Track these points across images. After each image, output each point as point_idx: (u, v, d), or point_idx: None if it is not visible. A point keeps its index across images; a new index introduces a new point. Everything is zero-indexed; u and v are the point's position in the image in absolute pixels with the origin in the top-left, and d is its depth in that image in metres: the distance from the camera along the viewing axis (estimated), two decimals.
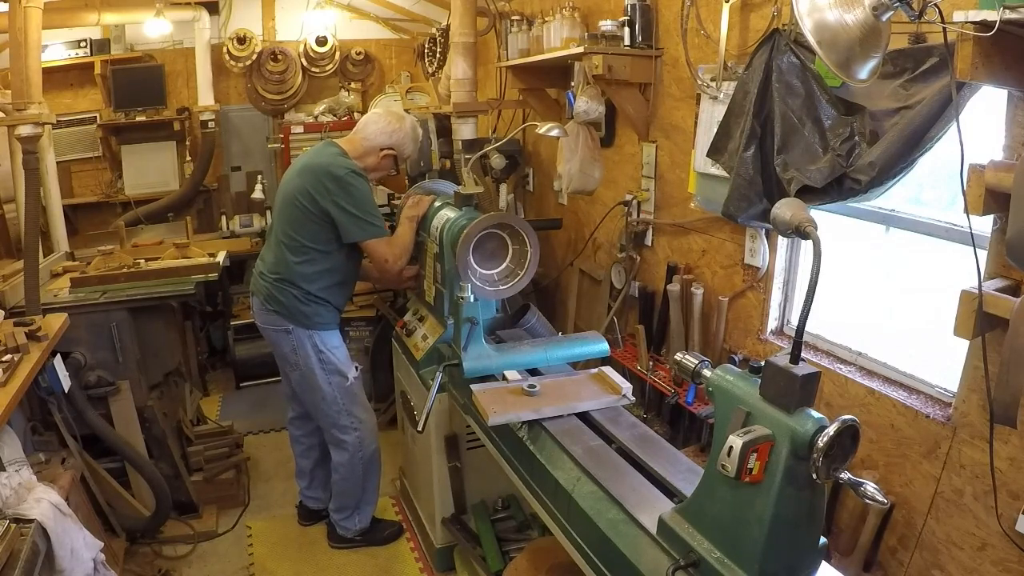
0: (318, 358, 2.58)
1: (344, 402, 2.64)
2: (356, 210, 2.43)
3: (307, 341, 2.57)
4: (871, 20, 1.32)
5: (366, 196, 2.46)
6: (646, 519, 1.39)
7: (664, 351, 2.72)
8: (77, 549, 1.92)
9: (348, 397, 2.65)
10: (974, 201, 1.42)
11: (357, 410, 2.69)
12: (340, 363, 2.62)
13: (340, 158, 2.50)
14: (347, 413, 2.66)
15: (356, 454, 2.71)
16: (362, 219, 2.45)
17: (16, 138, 2.91)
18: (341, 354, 2.64)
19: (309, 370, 2.60)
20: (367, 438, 2.72)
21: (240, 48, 5.15)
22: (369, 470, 2.78)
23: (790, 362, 1.10)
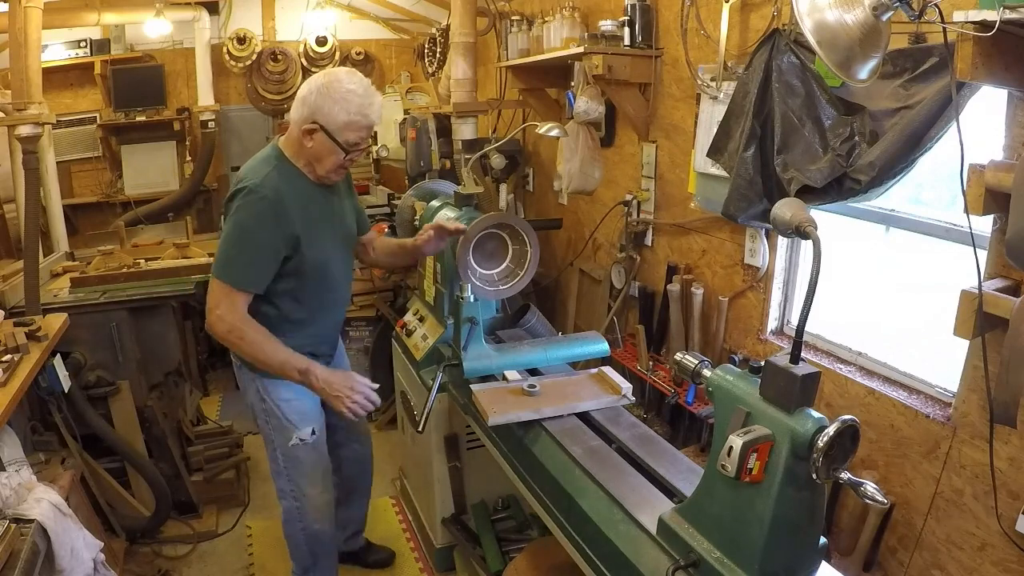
0: (262, 408, 2.11)
1: (285, 465, 2.16)
2: (225, 236, 1.87)
3: (250, 385, 2.11)
4: (871, 20, 1.32)
5: (244, 223, 1.84)
6: (646, 519, 1.39)
7: (664, 351, 2.72)
8: (77, 549, 1.93)
9: (290, 461, 2.15)
10: (974, 201, 1.42)
11: (301, 480, 2.17)
12: (284, 418, 2.10)
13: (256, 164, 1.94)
14: (287, 478, 2.17)
15: (295, 524, 2.24)
16: (222, 250, 1.87)
17: (16, 138, 2.91)
18: (290, 409, 2.10)
19: (257, 417, 2.16)
20: (309, 516, 2.21)
21: (240, 48, 5.16)
22: (316, 550, 2.28)
23: (790, 362, 1.10)
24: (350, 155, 1.92)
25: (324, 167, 1.93)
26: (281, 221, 1.86)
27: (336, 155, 1.90)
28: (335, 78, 1.86)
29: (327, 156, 1.90)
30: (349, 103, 1.84)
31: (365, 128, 1.89)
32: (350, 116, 1.84)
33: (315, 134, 1.87)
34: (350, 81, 1.86)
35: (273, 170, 1.89)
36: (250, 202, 1.83)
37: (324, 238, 2.00)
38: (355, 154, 1.93)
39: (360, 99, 1.85)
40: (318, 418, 2.18)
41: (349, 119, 1.85)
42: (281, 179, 1.89)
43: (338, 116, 1.84)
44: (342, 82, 1.85)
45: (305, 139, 1.88)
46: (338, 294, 2.17)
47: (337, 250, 2.09)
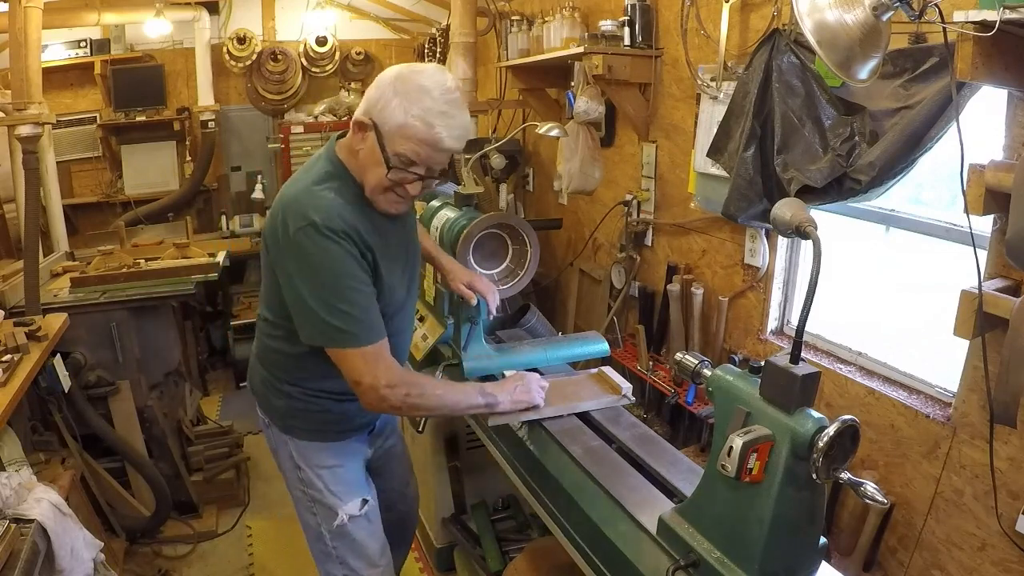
0: (297, 476, 1.73)
1: (335, 545, 1.74)
2: (309, 290, 1.44)
3: (283, 448, 1.73)
4: (871, 20, 1.32)
5: (328, 268, 1.42)
6: (646, 519, 1.39)
7: (664, 351, 2.72)
8: (77, 549, 1.93)
9: (341, 541, 1.74)
10: (974, 201, 1.42)
11: (356, 562, 1.75)
12: (328, 492, 1.70)
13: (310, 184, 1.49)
14: (339, 562, 1.75)
15: None
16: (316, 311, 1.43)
17: (16, 138, 2.91)
18: (334, 478, 1.71)
19: (291, 485, 1.78)
20: None
21: (240, 48, 5.15)
22: None
23: (790, 362, 1.10)
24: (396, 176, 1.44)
25: (368, 183, 1.49)
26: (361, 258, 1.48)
27: (380, 168, 1.43)
28: (416, 70, 1.44)
29: (371, 168, 1.46)
30: (413, 101, 1.38)
31: (426, 144, 1.40)
32: (408, 118, 1.38)
33: (367, 133, 1.44)
34: (430, 77, 1.41)
35: (334, 193, 1.46)
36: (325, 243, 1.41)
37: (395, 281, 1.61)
38: (404, 178, 1.44)
39: (432, 102, 1.39)
40: (366, 486, 1.79)
41: (406, 122, 1.38)
42: (348, 207, 1.46)
43: (394, 113, 1.39)
44: (421, 75, 1.41)
45: (356, 137, 1.48)
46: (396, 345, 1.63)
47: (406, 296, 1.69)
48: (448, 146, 1.43)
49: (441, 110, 1.40)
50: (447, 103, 1.41)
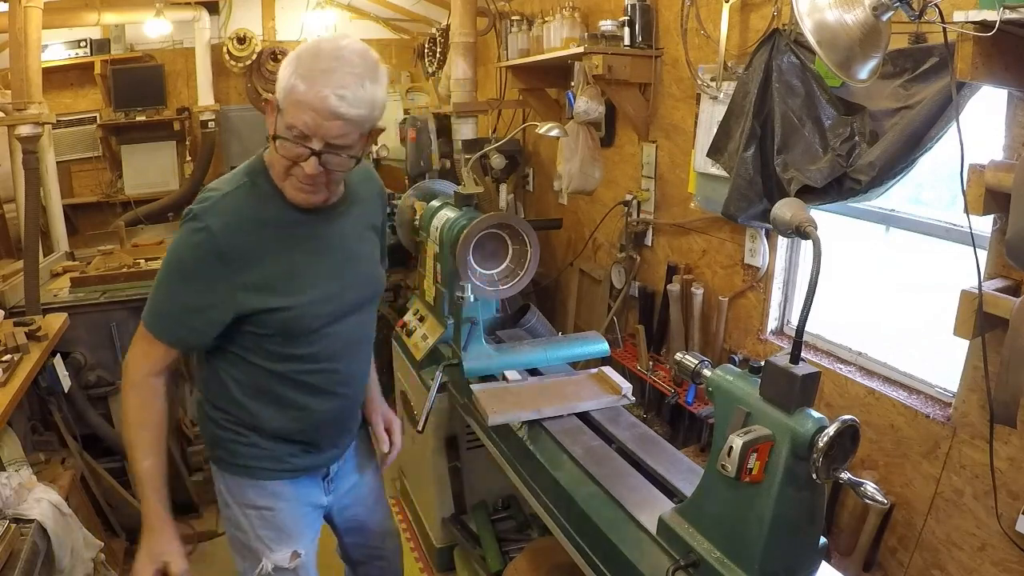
0: (226, 513, 1.55)
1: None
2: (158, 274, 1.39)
3: (216, 479, 1.56)
4: (871, 20, 1.32)
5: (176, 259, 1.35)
6: (646, 519, 1.39)
7: (664, 351, 2.72)
8: (77, 549, 1.93)
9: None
10: (974, 201, 1.42)
11: None
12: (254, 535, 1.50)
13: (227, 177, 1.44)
14: None
15: None
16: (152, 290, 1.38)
17: (16, 138, 2.91)
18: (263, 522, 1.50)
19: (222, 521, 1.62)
20: None
21: (240, 48, 5.15)
22: None
23: (790, 362, 1.10)
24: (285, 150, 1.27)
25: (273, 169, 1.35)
26: (230, 265, 1.31)
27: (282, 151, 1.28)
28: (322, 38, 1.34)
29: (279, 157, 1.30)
30: (301, 63, 1.23)
31: (311, 109, 1.22)
32: (292, 80, 1.22)
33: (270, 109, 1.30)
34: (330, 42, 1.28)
35: (240, 189, 1.36)
36: (187, 233, 1.32)
37: (317, 290, 1.41)
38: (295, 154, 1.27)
39: (318, 62, 1.22)
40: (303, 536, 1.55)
41: (290, 84, 1.23)
42: (246, 202, 1.34)
43: (283, 79, 1.25)
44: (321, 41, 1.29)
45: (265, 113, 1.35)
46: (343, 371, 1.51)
47: (342, 307, 1.46)
48: (336, 109, 1.21)
49: (326, 67, 1.22)
50: (336, 60, 1.23)
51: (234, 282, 1.33)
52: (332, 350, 1.48)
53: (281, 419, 1.47)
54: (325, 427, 1.54)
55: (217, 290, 1.33)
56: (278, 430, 1.48)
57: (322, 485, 1.61)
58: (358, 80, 1.24)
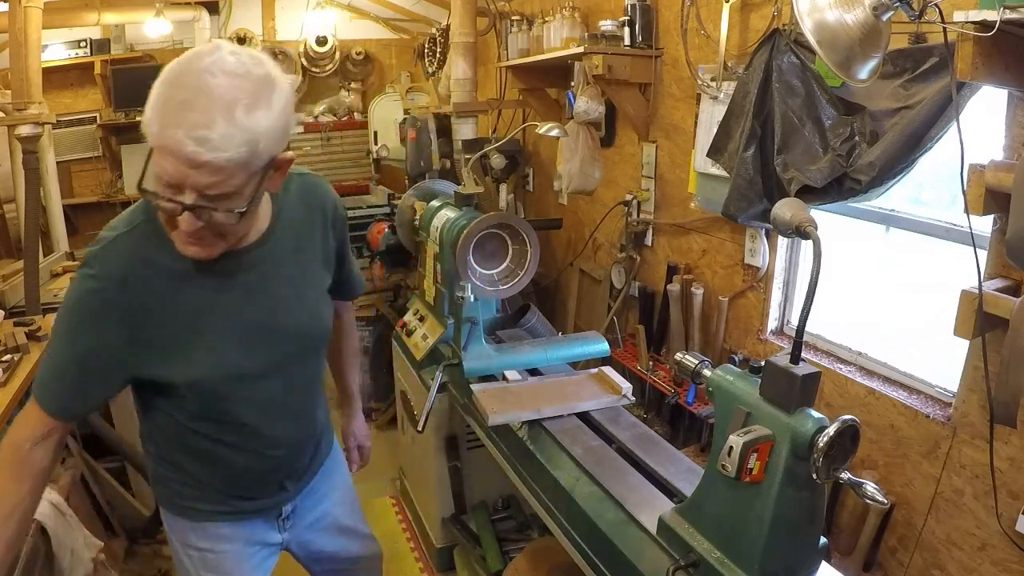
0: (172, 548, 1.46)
1: None
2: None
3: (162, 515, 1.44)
4: (871, 20, 1.32)
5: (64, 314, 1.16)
6: (646, 519, 1.39)
7: (664, 351, 2.72)
8: (77, 549, 1.92)
9: None
10: (974, 201, 1.42)
11: None
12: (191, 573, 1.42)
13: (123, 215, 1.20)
14: None
15: None
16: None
17: (16, 138, 2.91)
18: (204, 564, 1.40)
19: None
20: None
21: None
22: None
23: (790, 362, 1.10)
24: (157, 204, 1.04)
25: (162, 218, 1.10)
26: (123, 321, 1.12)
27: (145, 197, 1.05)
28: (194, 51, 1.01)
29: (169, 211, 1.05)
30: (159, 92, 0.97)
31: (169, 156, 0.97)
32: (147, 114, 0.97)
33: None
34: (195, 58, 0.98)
35: (137, 230, 1.13)
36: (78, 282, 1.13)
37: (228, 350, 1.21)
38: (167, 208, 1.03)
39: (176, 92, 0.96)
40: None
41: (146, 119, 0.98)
42: (143, 246, 1.12)
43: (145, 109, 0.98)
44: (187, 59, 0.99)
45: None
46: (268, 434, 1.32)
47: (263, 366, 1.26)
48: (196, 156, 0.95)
49: (183, 98, 0.95)
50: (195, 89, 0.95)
51: (128, 340, 1.13)
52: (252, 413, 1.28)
53: (210, 473, 1.33)
54: (265, 481, 1.39)
55: (108, 350, 1.13)
56: (208, 482, 1.34)
57: (275, 524, 1.46)
58: (225, 113, 0.95)
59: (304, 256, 1.32)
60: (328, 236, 1.38)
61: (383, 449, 3.61)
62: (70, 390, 1.16)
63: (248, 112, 0.98)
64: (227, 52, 1.00)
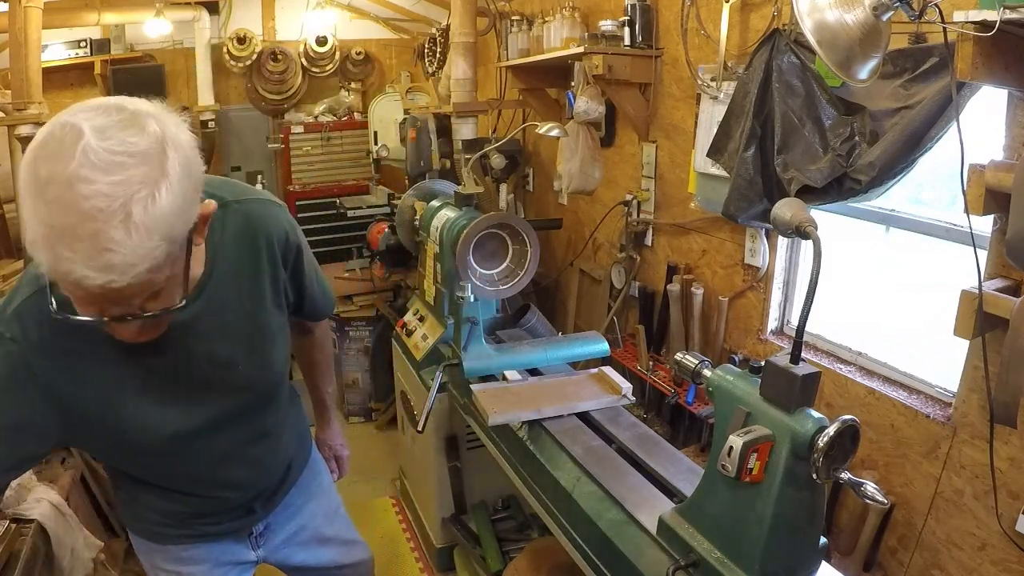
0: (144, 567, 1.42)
1: None
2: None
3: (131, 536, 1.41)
4: (871, 20, 1.32)
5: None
6: (646, 519, 1.39)
7: (664, 351, 2.72)
8: (77, 549, 1.93)
9: None
10: (974, 201, 1.42)
11: None
12: None
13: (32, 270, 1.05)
14: None
15: None
16: None
17: (16, 138, 2.91)
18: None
19: None
20: None
21: (240, 48, 5.15)
22: None
23: (790, 362, 1.10)
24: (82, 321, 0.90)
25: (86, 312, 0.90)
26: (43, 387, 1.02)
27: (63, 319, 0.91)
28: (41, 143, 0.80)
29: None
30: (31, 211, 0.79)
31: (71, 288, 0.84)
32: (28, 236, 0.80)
33: None
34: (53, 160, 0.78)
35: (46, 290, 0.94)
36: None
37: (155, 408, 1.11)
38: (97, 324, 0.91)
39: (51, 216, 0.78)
40: None
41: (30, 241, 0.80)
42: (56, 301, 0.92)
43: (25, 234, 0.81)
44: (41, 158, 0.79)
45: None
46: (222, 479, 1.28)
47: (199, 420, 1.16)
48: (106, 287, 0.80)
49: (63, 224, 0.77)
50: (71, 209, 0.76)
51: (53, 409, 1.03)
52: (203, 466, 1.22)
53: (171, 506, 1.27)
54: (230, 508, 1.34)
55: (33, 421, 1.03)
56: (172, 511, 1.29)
57: (247, 542, 1.42)
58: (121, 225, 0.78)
59: (249, 300, 1.18)
60: (277, 271, 1.21)
61: (383, 449, 3.61)
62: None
63: (148, 207, 0.79)
64: (93, 139, 0.78)
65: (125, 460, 1.20)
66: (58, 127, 0.79)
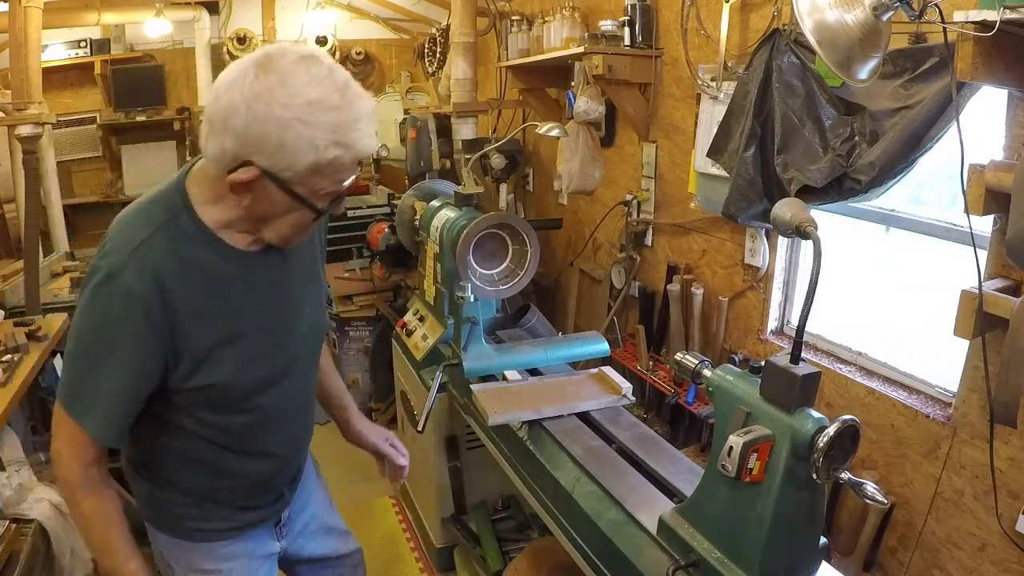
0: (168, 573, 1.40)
1: None
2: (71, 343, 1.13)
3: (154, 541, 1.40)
4: (871, 20, 1.32)
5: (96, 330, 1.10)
6: (646, 519, 1.39)
7: (664, 351, 2.72)
8: (77, 549, 1.92)
9: None
10: (974, 201, 1.42)
11: None
12: None
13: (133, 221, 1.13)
14: None
15: None
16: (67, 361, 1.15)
17: (16, 138, 2.91)
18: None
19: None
20: None
21: (240, 48, 5.16)
22: None
23: (790, 362, 1.10)
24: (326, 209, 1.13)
25: (279, 231, 1.14)
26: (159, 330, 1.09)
27: (299, 212, 1.10)
28: (283, 77, 1.00)
29: (281, 216, 1.11)
30: (318, 126, 1.01)
31: (352, 165, 1.08)
32: (325, 154, 1.02)
33: (255, 184, 1.06)
34: (312, 79, 1.01)
35: (160, 232, 1.09)
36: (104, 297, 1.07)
37: (255, 345, 1.21)
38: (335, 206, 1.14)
39: (339, 114, 1.02)
40: None
41: (322, 158, 1.03)
42: (170, 248, 1.09)
43: (297, 155, 1.02)
44: (298, 84, 1.00)
45: (238, 193, 1.08)
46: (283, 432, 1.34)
47: (284, 368, 1.28)
48: (370, 147, 1.09)
49: (352, 119, 1.04)
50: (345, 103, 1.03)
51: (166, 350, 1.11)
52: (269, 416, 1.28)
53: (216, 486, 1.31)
54: (269, 487, 1.38)
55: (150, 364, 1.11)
56: (214, 496, 1.32)
57: (274, 533, 1.46)
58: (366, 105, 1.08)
59: (308, 253, 1.32)
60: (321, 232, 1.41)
61: None
62: (122, 415, 1.14)
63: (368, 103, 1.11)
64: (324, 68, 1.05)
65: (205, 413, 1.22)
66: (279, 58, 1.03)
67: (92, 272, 1.09)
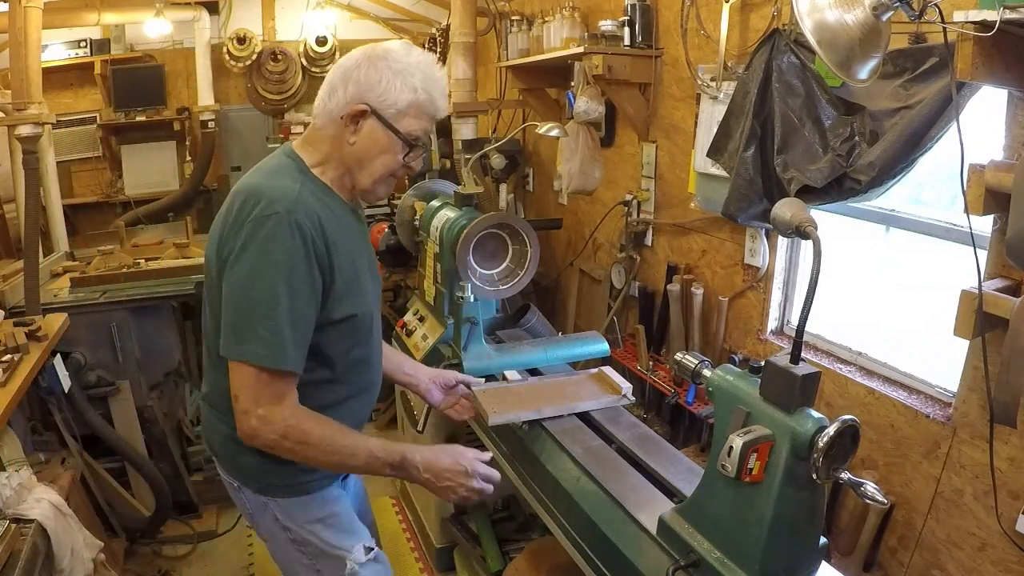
0: (288, 538, 1.51)
1: None
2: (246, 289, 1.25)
3: (263, 511, 1.50)
4: (871, 20, 1.32)
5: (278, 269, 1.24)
6: (646, 519, 1.39)
7: (664, 351, 2.72)
8: (77, 549, 1.93)
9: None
10: (974, 201, 1.42)
11: None
12: (329, 544, 1.50)
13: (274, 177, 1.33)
14: None
15: None
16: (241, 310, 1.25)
17: (16, 138, 2.91)
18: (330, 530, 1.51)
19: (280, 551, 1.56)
20: None
21: (240, 48, 5.16)
22: None
23: (790, 362, 1.10)
24: (411, 155, 1.39)
25: (372, 174, 1.38)
26: (322, 263, 1.30)
27: (392, 154, 1.36)
28: (388, 49, 1.34)
29: (378, 156, 1.36)
30: (414, 76, 1.33)
31: (429, 117, 1.38)
32: (416, 95, 1.33)
33: (365, 120, 1.32)
34: (409, 52, 1.35)
35: (304, 188, 1.32)
36: (283, 235, 1.23)
37: (366, 283, 1.45)
38: (415, 155, 1.40)
39: (428, 71, 1.35)
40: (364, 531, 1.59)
41: (415, 99, 1.33)
42: (316, 200, 1.33)
43: (401, 93, 1.31)
44: (399, 52, 1.34)
45: (348, 131, 1.33)
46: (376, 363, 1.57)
47: (374, 300, 1.53)
48: (444, 112, 1.42)
49: (437, 76, 1.37)
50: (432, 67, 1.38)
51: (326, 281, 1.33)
52: (375, 349, 1.54)
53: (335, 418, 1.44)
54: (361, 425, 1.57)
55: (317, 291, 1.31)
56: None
57: (341, 485, 1.63)
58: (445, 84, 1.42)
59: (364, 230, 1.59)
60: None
61: None
62: (303, 341, 1.30)
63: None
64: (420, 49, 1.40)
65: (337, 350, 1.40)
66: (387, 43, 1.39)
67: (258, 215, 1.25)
